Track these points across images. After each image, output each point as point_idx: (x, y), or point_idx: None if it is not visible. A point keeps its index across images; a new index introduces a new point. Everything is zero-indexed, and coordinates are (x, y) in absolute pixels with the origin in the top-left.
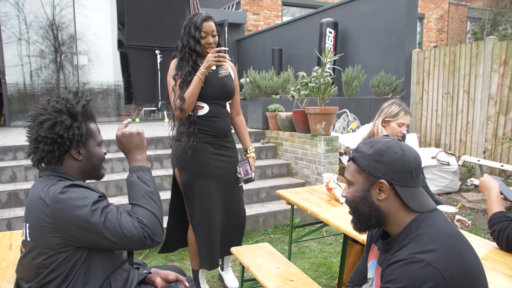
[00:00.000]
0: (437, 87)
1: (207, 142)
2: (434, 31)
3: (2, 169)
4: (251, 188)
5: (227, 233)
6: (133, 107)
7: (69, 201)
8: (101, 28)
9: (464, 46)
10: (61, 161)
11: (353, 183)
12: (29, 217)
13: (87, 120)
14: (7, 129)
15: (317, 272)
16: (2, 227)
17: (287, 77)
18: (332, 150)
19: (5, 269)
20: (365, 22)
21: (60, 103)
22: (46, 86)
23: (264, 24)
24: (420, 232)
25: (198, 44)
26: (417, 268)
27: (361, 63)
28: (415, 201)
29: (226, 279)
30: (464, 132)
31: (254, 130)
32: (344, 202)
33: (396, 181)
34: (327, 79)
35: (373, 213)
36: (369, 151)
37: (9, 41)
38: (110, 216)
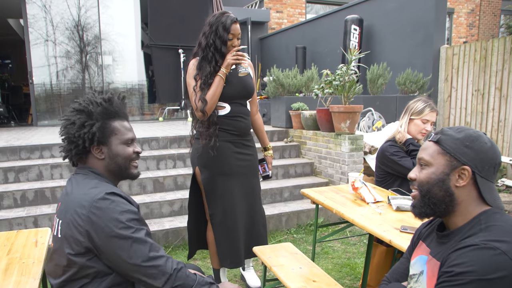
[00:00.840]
0: (466, 84)
1: (229, 141)
2: (464, 26)
3: (29, 167)
4: (274, 188)
5: (252, 233)
6: (156, 106)
7: (107, 210)
8: (125, 28)
9: (497, 40)
10: (84, 160)
11: (431, 165)
12: (63, 214)
13: (108, 118)
14: (34, 129)
15: (341, 273)
16: (29, 224)
17: (310, 75)
18: (357, 149)
19: (31, 265)
20: (391, 18)
21: (82, 104)
22: (72, 86)
23: (287, 22)
24: (492, 224)
25: (224, 46)
26: (490, 254)
27: (387, 60)
28: (491, 195)
29: (247, 278)
30: (496, 130)
31: (277, 129)
32: (370, 202)
33: (479, 171)
34: (352, 77)
35: (446, 199)
36: (459, 135)
37: (36, 43)
38: (142, 235)
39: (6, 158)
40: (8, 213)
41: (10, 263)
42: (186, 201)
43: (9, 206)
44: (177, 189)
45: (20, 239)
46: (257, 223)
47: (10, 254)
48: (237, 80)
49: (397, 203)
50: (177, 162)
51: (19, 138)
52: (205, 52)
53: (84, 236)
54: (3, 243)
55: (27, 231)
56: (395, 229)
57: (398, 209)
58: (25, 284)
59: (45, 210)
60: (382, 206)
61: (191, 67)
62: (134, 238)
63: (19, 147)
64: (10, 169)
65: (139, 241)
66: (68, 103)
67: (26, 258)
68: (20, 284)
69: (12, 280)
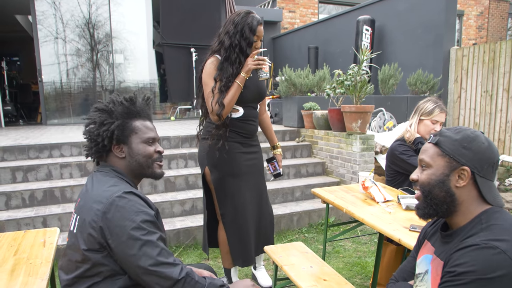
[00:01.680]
0: (475, 86)
1: (238, 141)
2: (473, 28)
3: (38, 166)
4: (285, 187)
5: (261, 231)
6: (168, 105)
7: (122, 210)
8: (137, 26)
9: (505, 43)
10: (106, 158)
11: (431, 166)
12: (80, 210)
13: (129, 117)
14: (43, 127)
15: (351, 272)
16: (38, 224)
17: (322, 75)
18: (368, 149)
19: (38, 266)
20: (402, 19)
21: (104, 103)
22: (83, 85)
23: (300, 22)
24: (492, 223)
25: (249, 48)
26: (490, 254)
27: (398, 61)
28: (491, 194)
29: (258, 277)
30: (503, 131)
31: (289, 129)
32: (380, 201)
33: (478, 171)
34: (363, 77)
35: (447, 199)
36: (457, 136)
37: (45, 40)
38: (153, 238)
39: (14, 157)
40: (16, 213)
41: (17, 263)
42: (197, 201)
43: (17, 206)
44: (189, 188)
45: (28, 239)
46: (264, 220)
47: (17, 255)
48: (253, 84)
49: (406, 202)
50: (189, 161)
51: (28, 137)
52: (228, 52)
53: (97, 232)
54: (10, 243)
55: (35, 231)
56: (404, 228)
57: (408, 208)
58: (32, 285)
59: (54, 210)
60: (392, 206)
61: (210, 66)
62: (145, 241)
63: (28, 146)
64: (18, 168)
65: (150, 244)
66: (78, 102)
67: (34, 259)
68: (27, 285)
69: (19, 280)
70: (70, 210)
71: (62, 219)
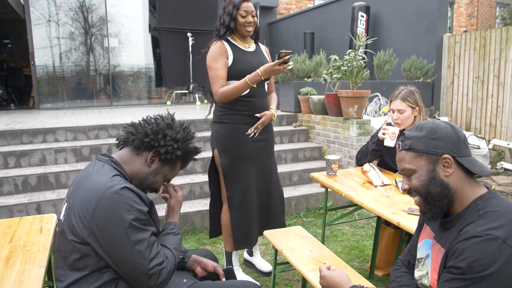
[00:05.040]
0: (467, 71)
1: (246, 123)
2: (464, 16)
3: (31, 151)
4: (283, 172)
5: (271, 210)
6: (164, 90)
7: (114, 207)
8: (132, 10)
9: (494, 31)
10: (137, 153)
11: (415, 170)
12: (72, 200)
13: (183, 158)
14: (36, 112)
15: (350, 256)
16: (31, 211)
17: (319, 60)
18: (364, 134)
19: (35, 253)
20: (397, 6)
21: (190, 133)
22: (76, 69)
23: (296, 8)
24: (489, 210)
25: (233, 21)
26: (495, 246)
27: (393, 47)
28: (476, 167)
29: (257, 263)
30: (494, 116)
31: (286, 113)
32: (378, 185)
33: (457, 153)
34: (359, 63)
35: (444, 192)
36: (422, 133)
37: (38, 23)
38: (145, 235)
39: (6, 142)
40: (9, 200)
41: (13, 251)
42: (195, 186)
43: (10, 192)
44: (186, 173)
45: (24, 226)
46: (274, 200)
47: (12, 242)
48: (256, 61)
49: None
50: None
51: (20, 122)
52: (217, 30)
53: (85, 228)
54: (4, 230)
55: (31, 217)
56: (402, 212)
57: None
58: (29, 272)
59: (49, 196)
60: (390, 189)
61: (214, 49)
62: (136, 240)
63: (21, 130)
64: (11, 153)
65: (140, 242)
66: (72, 86)
67: (31, 246)
68: (24, 273)
69: (15, 269)
70: (65, 196)
71: (57, 205)
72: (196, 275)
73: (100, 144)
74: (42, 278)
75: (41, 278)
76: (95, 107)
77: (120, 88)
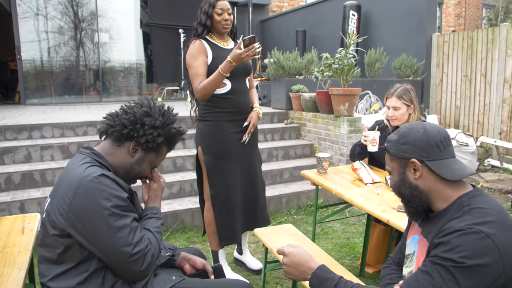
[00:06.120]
0: (456, 70)
1: (229, 120)
2: (452, 16)
3: (15, 148)
4: (274, 169)
5: (257, 206)
6: (155, 86)
7: (93, 194)
8: (124, 5)
9: (481, 31)
10: (118, 144)
11: (391, 171)
12: (53, 193)
13: (167, 141)
14: (22, 107)
15: (340, 253)
16: (14, 209)
17: (310, 58)
18: (355, 131)
19: (16, 254)
20: (387, 6)
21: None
22: (65, 64)
23: (288, 6)
24: (474, 206)
25: (209, 19)
26: (474, 238)
27: (383, 45)
28: (448, 171)
29: (247, 261)
30: (482, 114)
31: (277, 111)
32: (368, 183)
33: (426, 157)
34: (350, 61)
35: (414, 193)
36: (395, 137)
37: (25, 16)
38: (127, 221)
39: None
40: None
41: None
42: (185, 183)
43: None
44: (176, 171)
45: (4, 226)
46: (258, 195)
47: None
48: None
49: None
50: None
51: (5, 117)
52: (195, 30)
53: (64, 218)
54: None
55: (12, 217)
56: (392, 209)
57: None
58: (9, 275)
59: (34, 194)
60: (380, 187)
61: (193, 48)
62: (116, 227)
63: (4, 126)
64: None
65: (122, 229)
66: (60, 81)
67: (11, 247)
68: (2, 276)
69: None
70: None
71: (42, 204)
72: (185, 272)
73: (89, 140)
74: (22, 281)
75: (21, 281)
76: (84, 103)
77: (110, 84)
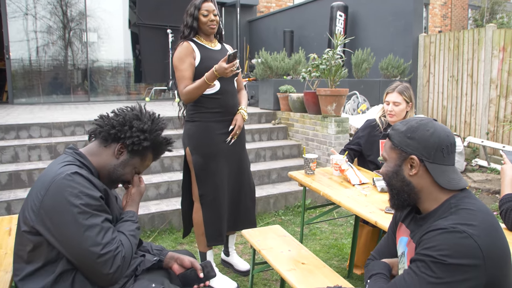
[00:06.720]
0: (442, 71)
1: (217, 121)
2: (438, 16)
3: (2, 148)
4: (262, 169)
5: (240, 206)
6: (143, 86)
7: (64, 192)
8: (112, 5)
9: (467, 32)
10: (104, 145)
11: (387, 160)
12: (30, 191)
13: (153, 147)
14: (9, 107)
15: (328, 254)
16: (1, 210)
17: (298, 58)
18: (343, 132)
19: (2, 256)
20: (374, 7)
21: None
22: (53, 63)
23: (275, 6)
24: (462, 207)
25: (195, 21)
26: (457, 237)
27: (370, 46)
28: (444, 178)
29: (235, 263)
30: (469, 114)
31: (265, 111)
32: (356, 184)
33: (427, 158)
34: (338, 61)
35: (404, 188)
36: (403, 128)
37: (14, 16)
38: (97, 220)
39: None
40: None
41: None
42: (172, 184)
43: None
44: (164, 171)
45: None
46: (244, 196)
47: None
48: (222, 57)
49: (381, 185)
50: None
51: None
52: (181, 32)
53: (35, 215)
54: None
55: None
56: (380, 210)
57: (383, 191)
58: None
59: (20, 195)
60: (367, 188)
61: (180, 50)
62: (85, 225)
63: None
64: None
65: (90, 228)
66: (49, 81)
67: None
68: None
69: None
70: None
71: None
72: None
73: (76, 141)
74: (8, 284)
75: (7, 284)
76: (72, 103)
77: (98, 84)
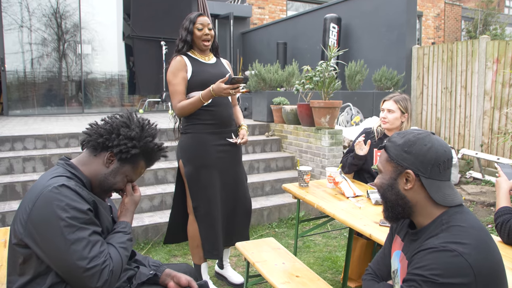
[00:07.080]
0: (436, 82)
1: (210, 133)
2: (431, 28)
3: None
4: (255, 181)
5: (235, 221)
6: (137, 97)
7: (51, 205)
8: (106, 18)
9: (461, 44)
10: (94, 154)
11: (382, 171)
12: (21, 202)
13: (144, 155)
14: (4, 118)
15: (322, 267)
16: None
17: (291, 70)
18: (336, 144)
19: None
20: (368, 19)
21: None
22: (48, 75)
23: (269, 18)
24: (452, 224)
25: (189, 34)
26: (447, 256)
27: (364, 58)
28: (439, 194)
29: (229, 275)
30: (463, 126)
31: (258, 123)
32: (350, 197)
33: (423, 173)
34: (331, 73)
35: (399, 202)
36: (400, 141)
37: (10, 28)
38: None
39: None
40: None
41: None
42: (166, 196)
43: None
44: (158, 183)
45: None
46: (239, 212)
47: None
48: (216, 70)
49: (376, 197)
50: None
51: None
52: (177, 46)
53: (23, 228)
54: None
55: None
56: (374, 223)
57: (377, 203)
58: None
59: (15, 207)
60: (361, 201)
61: (174, 64)
62: (72, 239)
63: None
64: None
65: (77, 241)
66: (43, 92)
67: None
68: None
69: None
70: None
71: None
72: None
73: (71, 152)
74: None
75: None
76: (66, 114)
77: (92, 95)
